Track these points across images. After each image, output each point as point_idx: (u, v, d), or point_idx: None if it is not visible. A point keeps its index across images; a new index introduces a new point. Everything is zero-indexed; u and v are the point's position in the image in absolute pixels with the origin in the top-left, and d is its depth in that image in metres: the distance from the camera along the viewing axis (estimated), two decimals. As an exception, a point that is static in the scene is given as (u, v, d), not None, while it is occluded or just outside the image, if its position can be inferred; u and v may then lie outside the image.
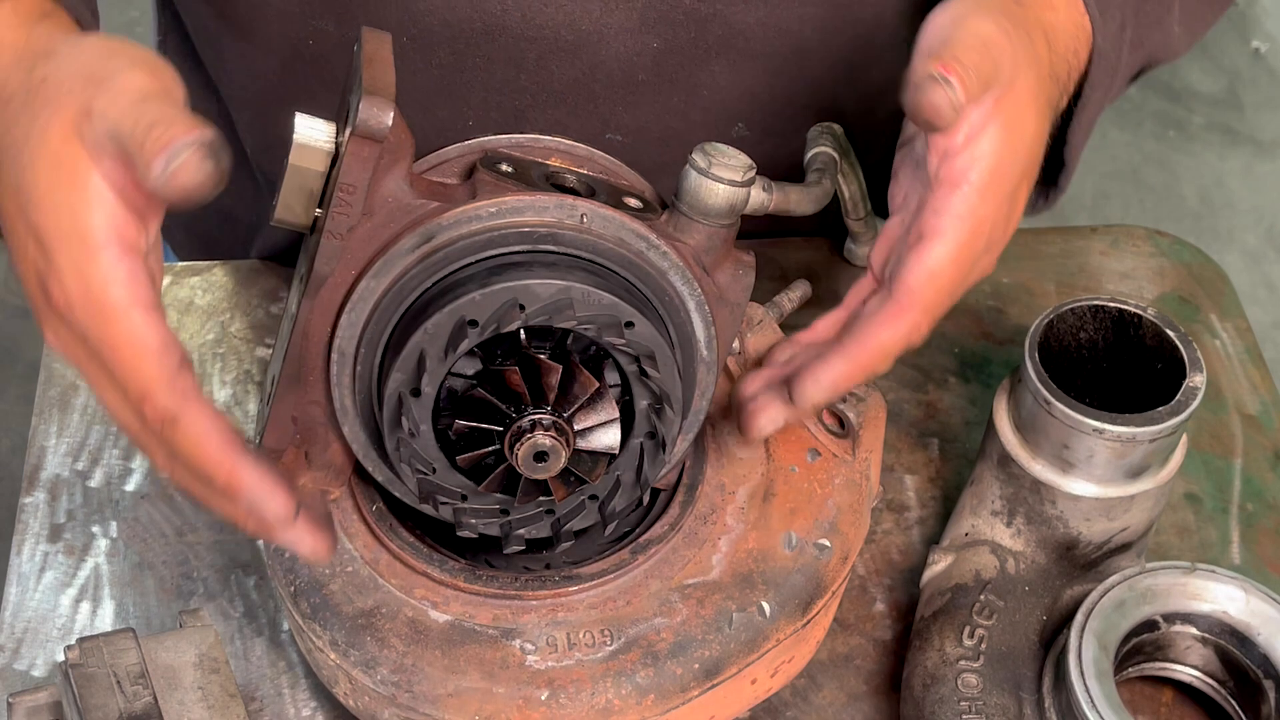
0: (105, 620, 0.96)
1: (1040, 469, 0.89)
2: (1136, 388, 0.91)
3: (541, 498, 0.80)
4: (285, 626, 0.95)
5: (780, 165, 0.90)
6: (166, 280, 1.13)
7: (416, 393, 0.76)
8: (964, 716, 0.85)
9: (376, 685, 0.82)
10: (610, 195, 0.80)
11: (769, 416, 0.81)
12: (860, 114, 0.96)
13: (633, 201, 0.81)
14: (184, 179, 0.65)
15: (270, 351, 1.05)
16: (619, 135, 1.01)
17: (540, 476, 0.77)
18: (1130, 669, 0.89)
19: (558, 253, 0.77)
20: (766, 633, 0.84)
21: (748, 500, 0.87)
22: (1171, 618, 0.87)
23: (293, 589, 0.84)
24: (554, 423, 0.76)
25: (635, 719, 0.81)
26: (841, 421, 0.88)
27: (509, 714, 0.80)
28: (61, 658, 0.85)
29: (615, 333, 0.76)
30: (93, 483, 1.02)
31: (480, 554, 0.88)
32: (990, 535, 0.92)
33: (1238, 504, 1.04)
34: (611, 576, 0.83)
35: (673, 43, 0.97)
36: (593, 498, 0.82)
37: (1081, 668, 0.82)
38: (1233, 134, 2.92)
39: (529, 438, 0.76)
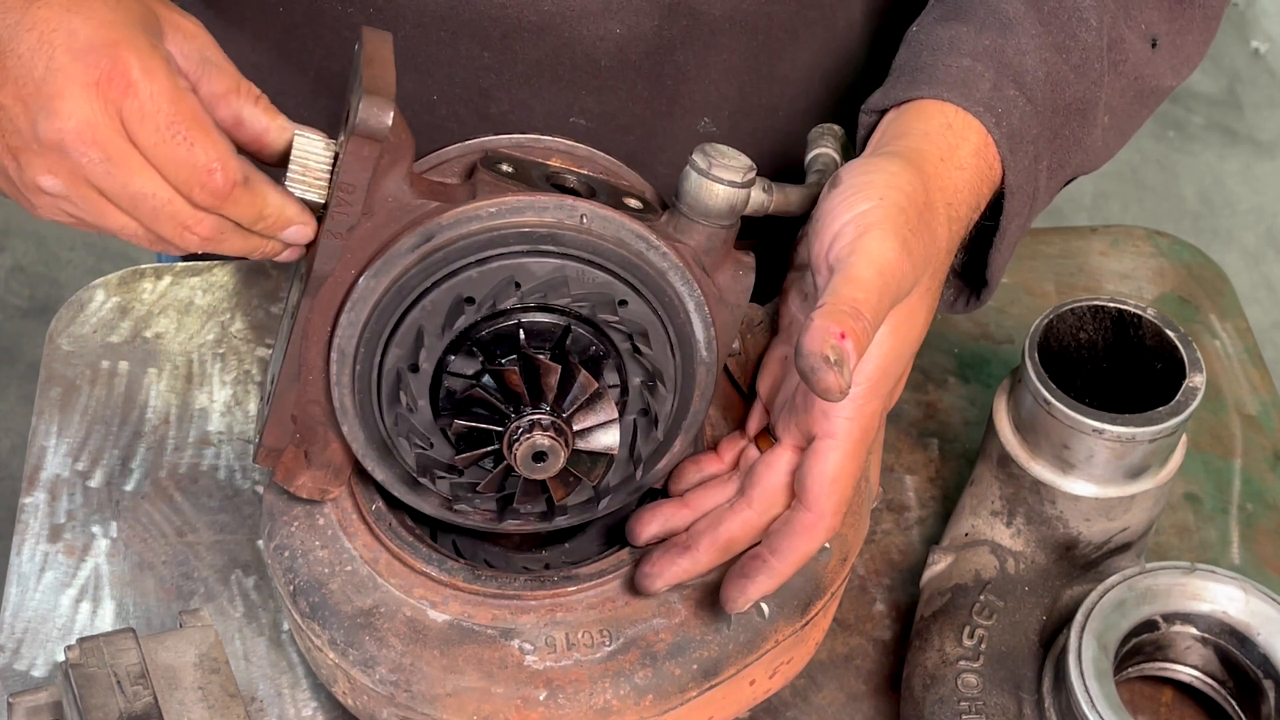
0: (105, 620, 0.96)
1: (1040, 469, 0.89)
2: (1136, 388, 0.91)
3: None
4: (285, 626, 0.95)
5: None
6: (166, 280, 1.13)
7: (415, 369, 0.77)
8: (964, 716, 0.85)
9: (375, 685, 0.82)
10: (610, 196, 0.80)
11: (667, 579, 0.82)
12: (829, 117, 0.96)
13: (633, 202, 0.81)
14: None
15: (270, 351, 1.05)
16: (583, 120, 1.01)
17: (539, 477, 0.77)
18: (1130, 669, 0.89)
19: (557, 252, 0.77)
20: (765, 634, 0.84)
21: (747, 500, 0.87)
22: (1171, 618, 0.87)
23: (292, 588, 0.84)
24: (553, 423, 0.76)
25: (634, 719, 0.81)
26: (841, 422, 0.88)
27: (507, 714, 0.80)
28: (62, 658, 0.85)
29: (609, 310, 0.77)
30: (93, 483, 1.02)
31: (479, 554, 0.89)
32: (990, 535, 0.92)
33: (1237, 504, 1.04)
34: (610, 577, 0.83)
35: (637, 29, 0.97)
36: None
37: (1081, 668, 0.82)
38: (1232, 134, 2.92)
39: (527, 438, 0.76)
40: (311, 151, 0.77)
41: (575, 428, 0.77)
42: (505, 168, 0.80)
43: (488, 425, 0.77)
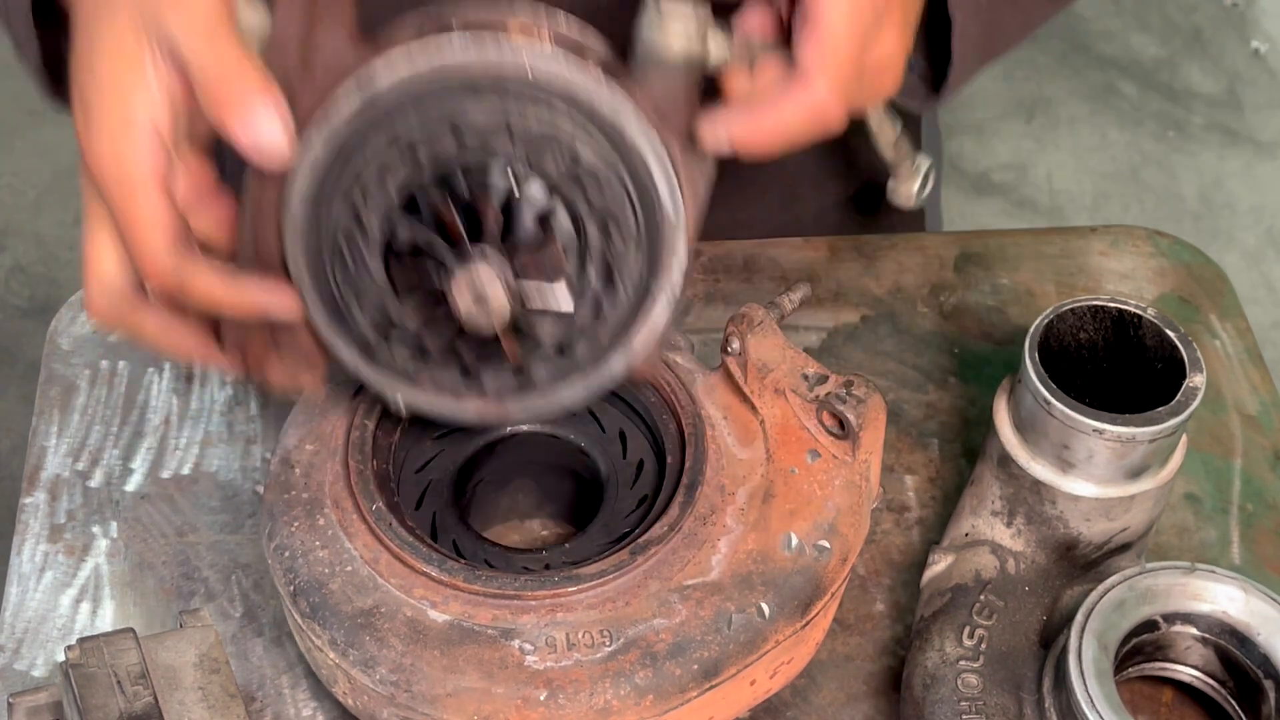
0: (105, 620, 0.96)
1: (1040, 469, 0.89)
2: (1136, 388, 0.91)
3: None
4: (286, 626, 0.95)
5: None
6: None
7: (360, 224, 0.75)
8: (964, 716, 0.85)
9: (375, 685, 0.82)
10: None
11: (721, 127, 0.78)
12: None
13: (590, 58, 0.77)
14: (259, 149, 0.73)
15: None
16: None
17: (484, 326, 0.74)
18: (1130, 669, 0.89)
19: (499, 95, 0.74)
20: (765, 634, 0.84)
21: (747, 501, 0.87)
22: (1171, 618, 0.87)
23: (292, 588, 0.85)
24: (494, 257, 0.74)
25: (634, 719, 0.81)
26: (841, 423, 0.88)
27: (507, 714, 0.80)
28: (62, 658, 0.85)
29: (556, 155, 0.74)
30: (93, 483, 1.02)
31: (480, 554, 0.89)
32: (990, 535, 0.92)
33: (1237, 504, 1.04)
34: (611, 577, 0.83)
35: None
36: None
37: (1081, 668, 0.82)
38: (1232, 134, 2.92)
39: (464, 275, 0.74)
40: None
41: (524, 277, 0.74)
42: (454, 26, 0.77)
43: (431, 271, 0.75)
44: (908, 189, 0.93)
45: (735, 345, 0.90)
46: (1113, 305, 0.90)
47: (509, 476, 0.98)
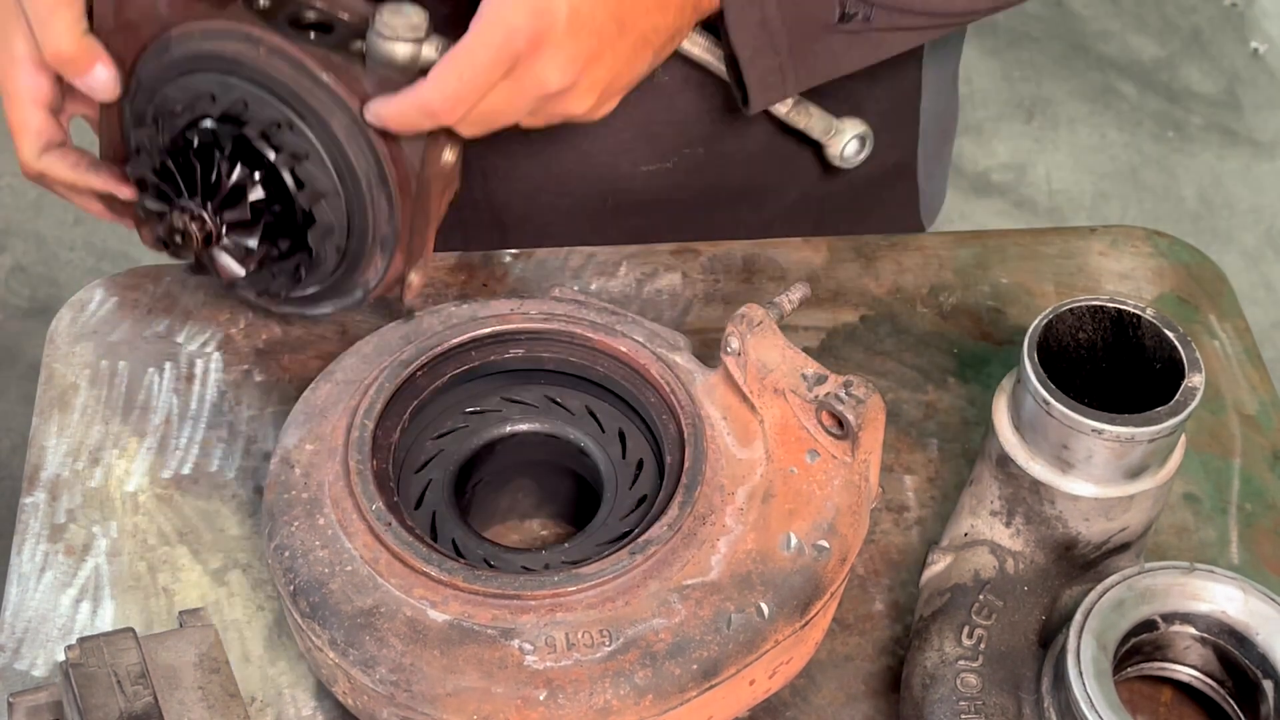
0: (105, 620, 0.96)
1: (1039, 469, 0.89)
2: (1135, 388, 0.91)
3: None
4: (286, 626, 0.95)
5: None
6: (166, 280, 1.13)
7: (142, 148, 0.99)
8: (963, 716, 0.85)
9: (375, 684, 0.82)
10: (341, 35, 0.94)
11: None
12: None
13: (359, 45, 0.93)
14: (94, 93, 1.00)
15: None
16: None
17: (184, 252, 0.98)
18: (1129, 669, 0.89)
19: (241, 76, 0.95)
20: (765, 634, 0.84)
21: (747, 501, 0.87)
22: (1170, 618, 0.87)
23: (292, 588, 0.85)
24: (193, 211, 0.96)
25: (633, 719, 0.81)
26: (841, 423, 0.89)
27: (507, 714, 0.80)
28: (62, 657, 0.85)
29: (274, 131, 0.95)
30: (93, 483, 1.02)
31: (479, 554, 0.89)
32: (989, 535, 0.92)
33: (1236, 504, 1.04)
34: (610, 577, 0.83)
35: None
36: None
37: (1080, 668, 0.82)
38: (1231, 135, 2.92)
39: (168, 217, 0.96)
40: None
41: (222, 220, 0.96)
42: (263, 2, 0.95)
43: (159, 200, 0.98)
44: (834, 151, 1.13)
45: (735, 345, 0.90)
46: (1112, 305, 0.90)
47: (509, 476, 0.98)
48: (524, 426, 0.96)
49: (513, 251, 1.16)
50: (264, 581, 0.97)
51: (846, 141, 1.13)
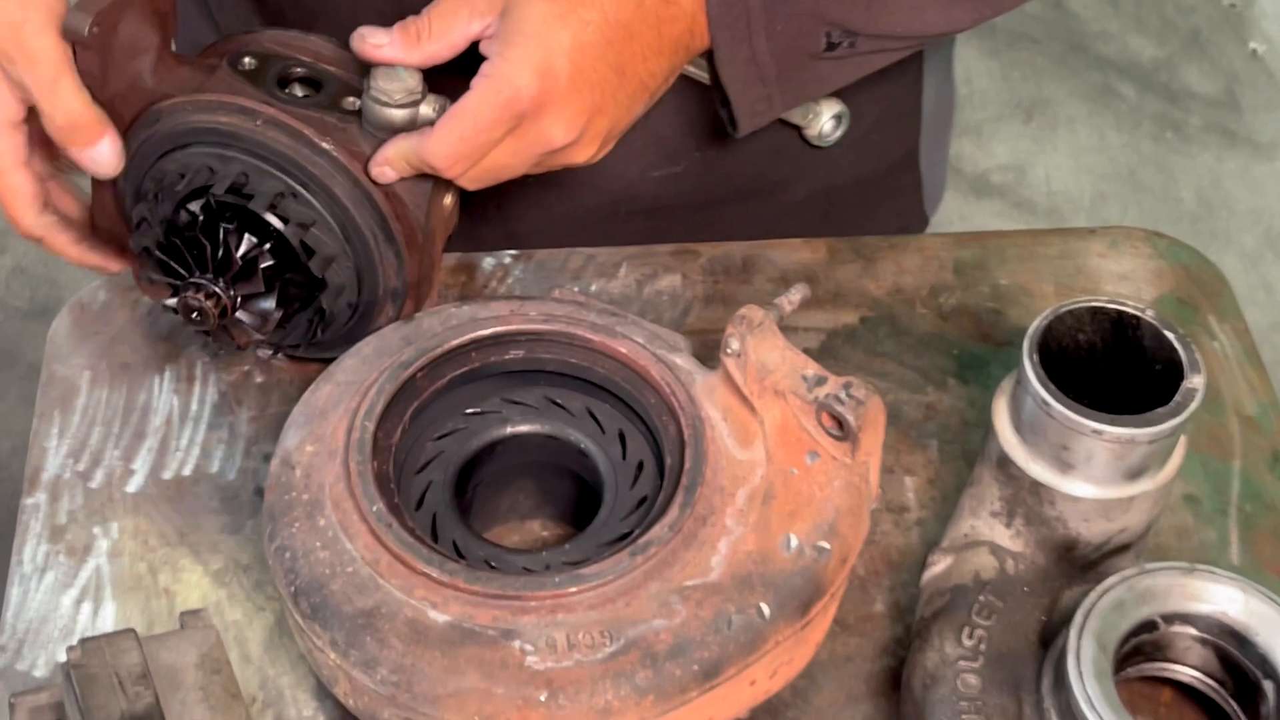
0: (106, 621, 0.96)
1: (1039, 470, 0.89)
2: (1135, 389, 0.91)
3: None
4: (287, 627, 0.95)
5: None
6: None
7: (145, 221, 0.97)
8: (964, 716, 0.85)
9: (376, 685, 0.82)
10: (333, 93, 0.96)
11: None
12: None
13: (350, 102, 0.96)
14: (94, 168, 0.97)
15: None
16: None
17: (201, 327, 0.96)
18: (1129, 669, 0.89)
19: (237, 149, 0.95)
20: (765, 634, 0.84)
21: (747, 502, 0.87)
22: (1170, 618, 0.87)
23: (293, 589, 0.85)
24: (208, 290, 0.95)
25: (634, 719, 0.82)
26: (841, 424, 0.89)
27: (508, 714, 0.81)
28: (63, 658, 0.85)
29: (277, 201, 0.95)
30: (93, 484, 1.02)
31: (480, 555, 0.89)
32: (989, 536, 0.92)
33: (1236, 505, 1.04)
34: (611, 578, 0.83)
35: None
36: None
37: (1080, 668, 0.82)
38: (1230, 136, 2.92)
39: (184, 295, 0.95)
40: None
41: (236, 293, 0.95)
42: (248, 63, 0.96)
43: (172, 277, 0.96)
44: (812, 133, 1.16)
45: (735, 346, 0.90)
46: (1111, 306, 0.90)
47: (509, 477, 0.98)
48: (524, 428, 0.96)
49: (513, 253, 1.16)
50: (265, 582, 0.97)
51: (824, 121, 1.15)
